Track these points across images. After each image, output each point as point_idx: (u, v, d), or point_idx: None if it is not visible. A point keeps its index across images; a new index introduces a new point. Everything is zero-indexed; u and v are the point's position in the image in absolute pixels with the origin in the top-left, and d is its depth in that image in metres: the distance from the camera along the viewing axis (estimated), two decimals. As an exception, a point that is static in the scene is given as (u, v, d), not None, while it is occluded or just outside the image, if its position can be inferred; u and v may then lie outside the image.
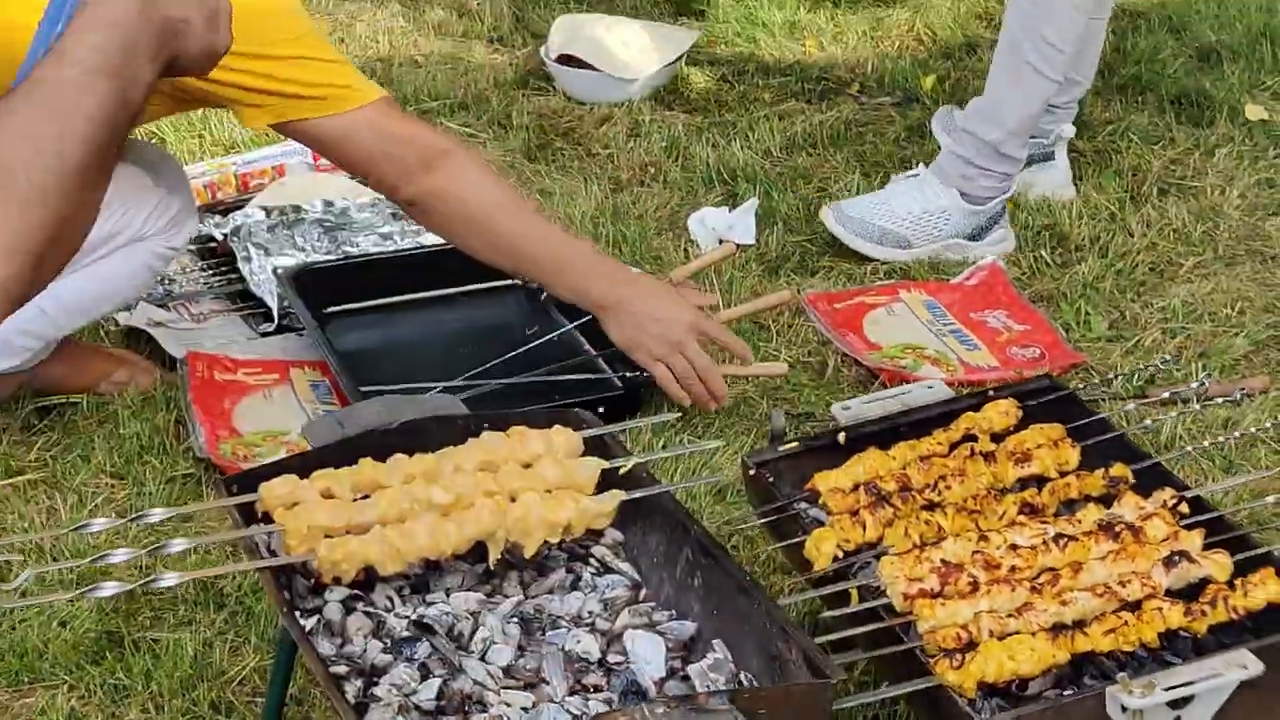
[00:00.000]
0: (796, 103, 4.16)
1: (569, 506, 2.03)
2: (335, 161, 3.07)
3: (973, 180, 3.53)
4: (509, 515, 2.00)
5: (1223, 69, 4.24)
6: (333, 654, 1.88)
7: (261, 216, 3.49)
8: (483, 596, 2.01)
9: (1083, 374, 3.00)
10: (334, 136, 2.81)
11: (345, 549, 1.94)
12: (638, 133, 3.99)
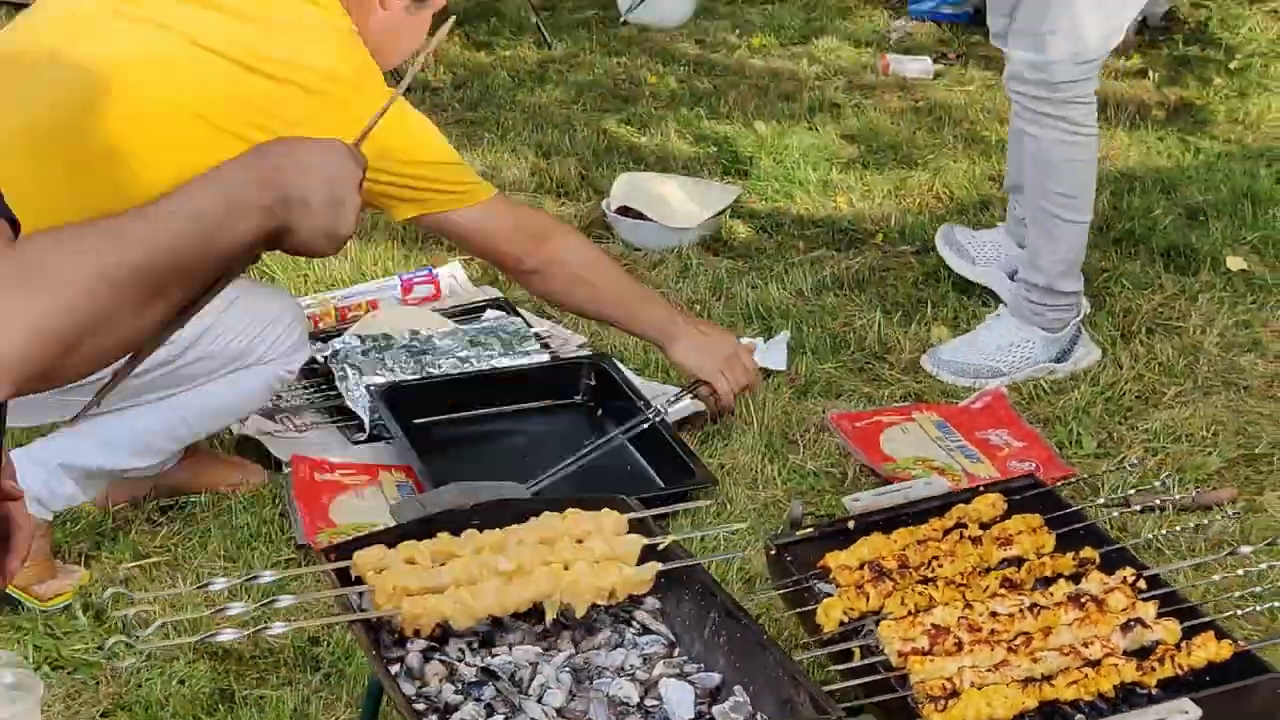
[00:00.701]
0: (827, 250, 4.23)
1: (614, 575, 2.17)
2: (468, 244, 3.30)
3: (1042, 314, 3.64)
4: (563, 581, 2.14)
5: (1208, 225, 4.30)
6: (413, 694, 2.00)
7: (357, 343, 3.57)
8: (540, 650, 2.12)
9: (1073, 485, 3.04)
10: (470, 224, 3.07)
11: (424, 606, 2.08)
12: (687, 274, 4.08)
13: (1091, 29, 3.48)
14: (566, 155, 4.89)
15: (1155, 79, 5.52)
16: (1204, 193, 4.53)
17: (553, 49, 5.91)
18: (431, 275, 4.00)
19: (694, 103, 5.30)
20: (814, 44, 5.97)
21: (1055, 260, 3.64)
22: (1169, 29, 6.02)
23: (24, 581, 2.78)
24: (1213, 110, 5.23)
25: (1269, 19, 6.09)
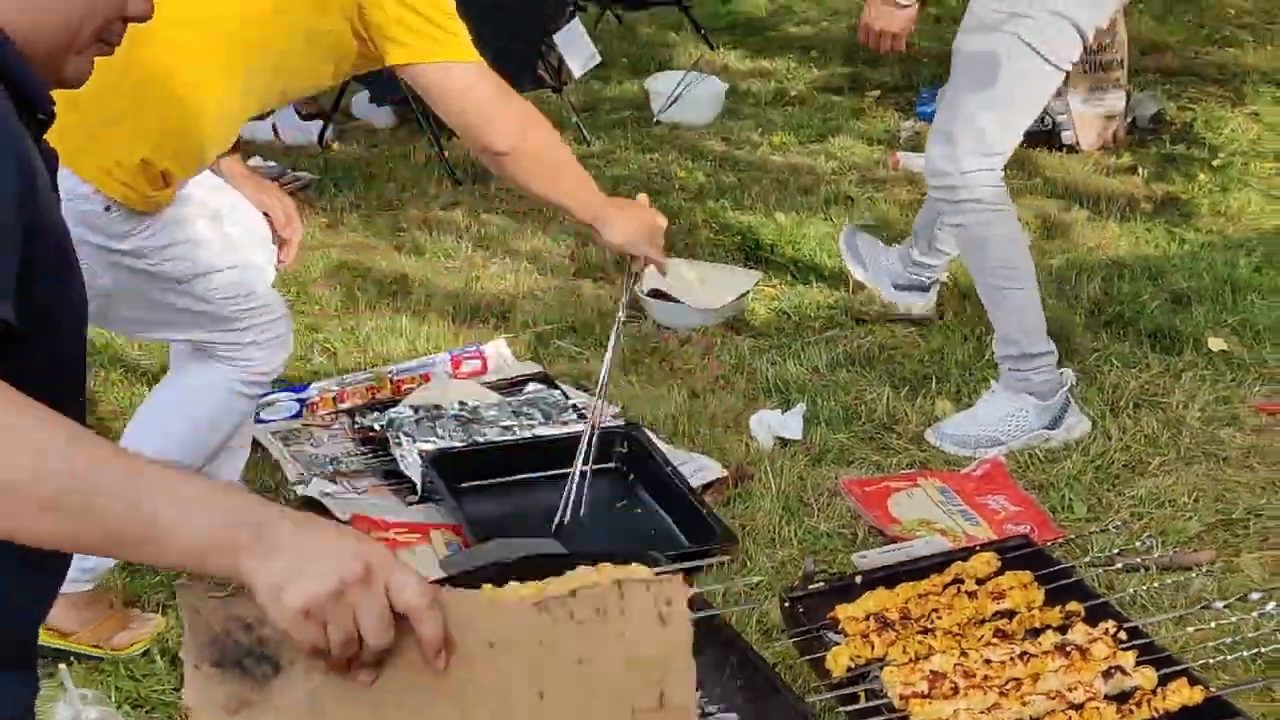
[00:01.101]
0: (840, 330, 4.27)
1: (642, 623, 2.24)
2: (453, 104, 2.88)
3: (1028, 380, 3.69)
4: (595, 627, 2.21)
5: (1191, 309, 4.33)
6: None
7: (410, 412, 3.63)
8: (574, 689, 2.20)
9: (1064, 545, 3.09)
10: (459, 83, 2.82)
11: (470, 650, 2.15)
12: (712, 352, 4.11)
13: (992, 129, 3.67)
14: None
15: (1144, 175, 5.56)
16: (1188, 280, 4.55)
17: (592, 146, 5.99)
18: (479, 352, 4.06)
19: (720, 195, 5.36)
20: (830, 142, 6.02)
21: (1018, 327, 3.73)
22: (1157, 129, 6.06)
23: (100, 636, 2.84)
24: (1197, 204, 5.26)
25: (1249, 121, 6.15)
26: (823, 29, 7.93)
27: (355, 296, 4.48)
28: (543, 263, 4.79)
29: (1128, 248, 4.90)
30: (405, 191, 5.45)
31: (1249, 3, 8.19)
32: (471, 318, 4.37)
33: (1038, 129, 5.78)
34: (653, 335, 4.25)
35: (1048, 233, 5.01)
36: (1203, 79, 6.78)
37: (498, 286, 4.62)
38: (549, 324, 4.32)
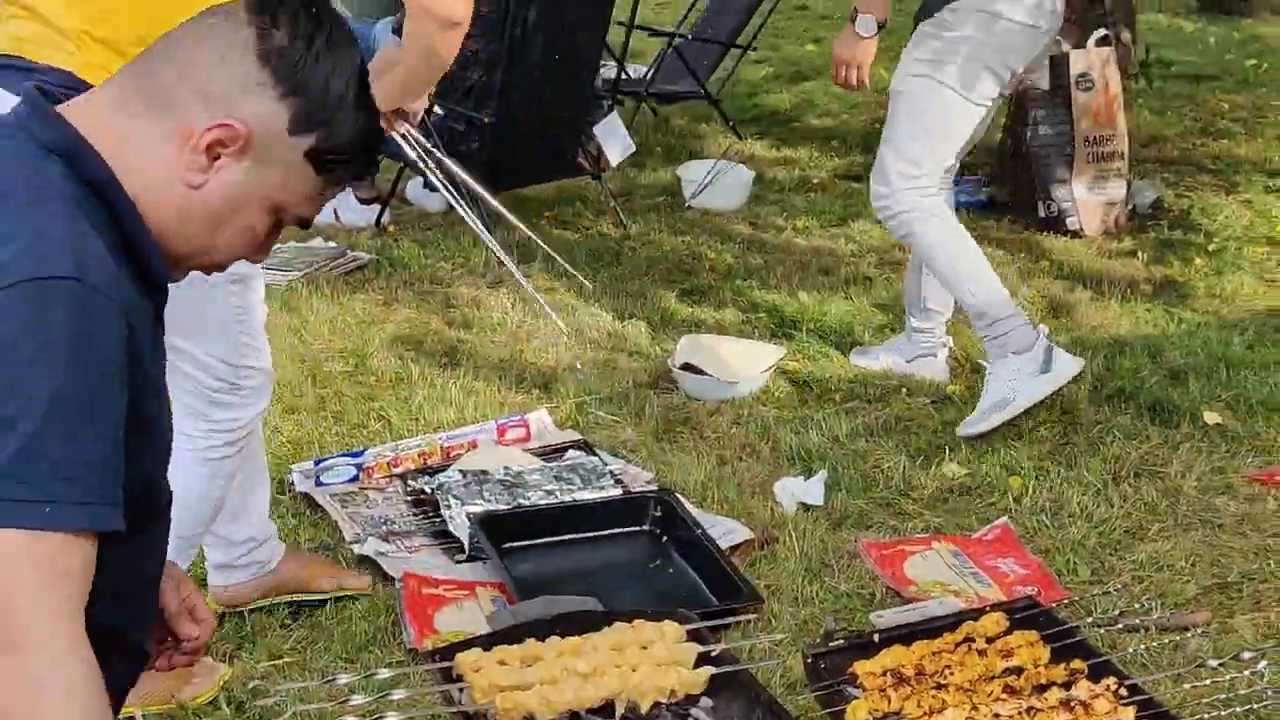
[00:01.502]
0: (859, 402, 4.27)
1: (674, 677, 2.25)
2: None
3: (1006, 341, 4.03)
4: (630, 681, 2.22)
5: (1188, 385, 4.32)
6: (504, 774, 2.09)
7: (459, 477, 3.66)
8: (611, 739, 2.20)
9: (1069, 606, 3.08)
10: None
11: (514, 701, 2.17)
12: (739, 422, 4.12)
13: (919, 155, 4.06)
14: (639, 319, 4.97)
15: (1144, 258, 5.57)
16: (1185, 357, 4.55)
17: (629, 228, 6.03)
18: (523, 420, 4.08)
19: (747, 275, 5.39)
20: (850, 226, 6.05)
21: (985, 302, 4.07)
22: (1156, 216, 6.08)
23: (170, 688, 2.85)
24: (1193, 286, 5.27)
25: (1242, 208, 6.17)
26: (842, 121, 7.99)
27: (409, 368, 4.51)
28: (582, 338, 4.80)
29: (1129, 326, 4.90)
30: (455, 270, 5.49)
31: (1240, 98, 8.24)
32: (516, 388, 4.40)
33: (1045, 216, 5.85)
34: (684, 406, 4.26)
35: (1054, 312, 5.01)
36: (1198, 169, 6.80)
37: (540, 359, 4.64)
38: (587, 394, 4.32)
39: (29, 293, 1.47)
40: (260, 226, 1.71)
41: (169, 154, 1.64)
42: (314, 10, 1.67)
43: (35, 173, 1.59)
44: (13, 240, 1.51)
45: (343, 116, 1.67)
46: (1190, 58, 9.41)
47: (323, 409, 4.22)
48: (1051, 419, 4.12)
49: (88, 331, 1.50)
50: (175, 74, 1.64)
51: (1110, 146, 5.88)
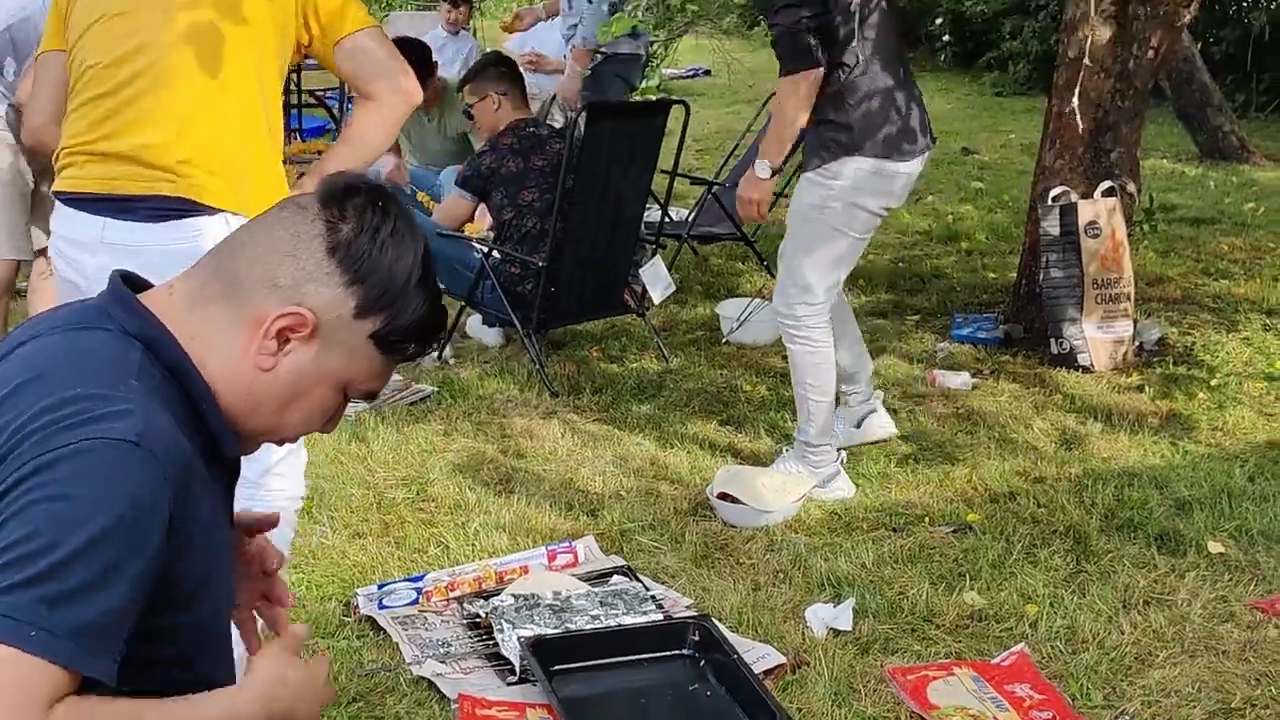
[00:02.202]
0: (885, 530, 4.26)
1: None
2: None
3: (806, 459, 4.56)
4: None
5: (1193, 515, 4.29)
6: None
7: (511, 601, 3.65)
8: None
9: None
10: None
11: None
12: (773, 548, 4.11)
13: (815, 283, 4.44)
14: (679, 448, 4.98)
15: (1150, 393, 5.55)
16: (1189, 488, 4.52)
17: (670, 363, 6.05)
18: (571, 547, 4.07)
19: (780, 407, 5.38)
20: (876, 361, 6.02)
21: (810, 423, 4.55)
22: (1161, 352, 6.07)
23: None
24: (1197, 419, 5.24)
25: (1242, 345, 6.15)
26: (869, 261, 8.01)
27: (467, 495, 4.53)
28: (627, 467, 4.81)
29: (1137, 458, 4.87)
30: (510, 403, 5.52)
31: (1239, 240, 8.24)
32: (565, 514, 4.41)
33: (1057, 352, 5.85)
34: (721, 532, 4.26)
35: (1066, 445, 4.99)
36: (1200, 308, 6.80)
37: (588, 487, 4.64)
38: (631, 522, 4.32)
39: (93, 448, 1.51)
40: (329, 403, 1.76)
41: (242, 340, 1.68)
42: (380, 203, 1.72)
43: (117, 354, 1.64)
44: (86, 404, 1.55)
45: (405, 301, 1.72)
46: (1192, 201, 9.45)
47: (386, 534, 4.24)
48: (1065, 548, 4.11)
49: (136, 495, 1.53)
50: (249, 265, 1.69)
51: (1117, 289, 5.89)
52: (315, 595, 3.83)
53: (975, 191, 10.04)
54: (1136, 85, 6.10)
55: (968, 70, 17.34)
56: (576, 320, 6.37)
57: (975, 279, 7.47)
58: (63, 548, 1.46)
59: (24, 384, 1.58)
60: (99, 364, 1.61)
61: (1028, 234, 6.46)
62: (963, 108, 15.09)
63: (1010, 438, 5.06)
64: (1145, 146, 7.40)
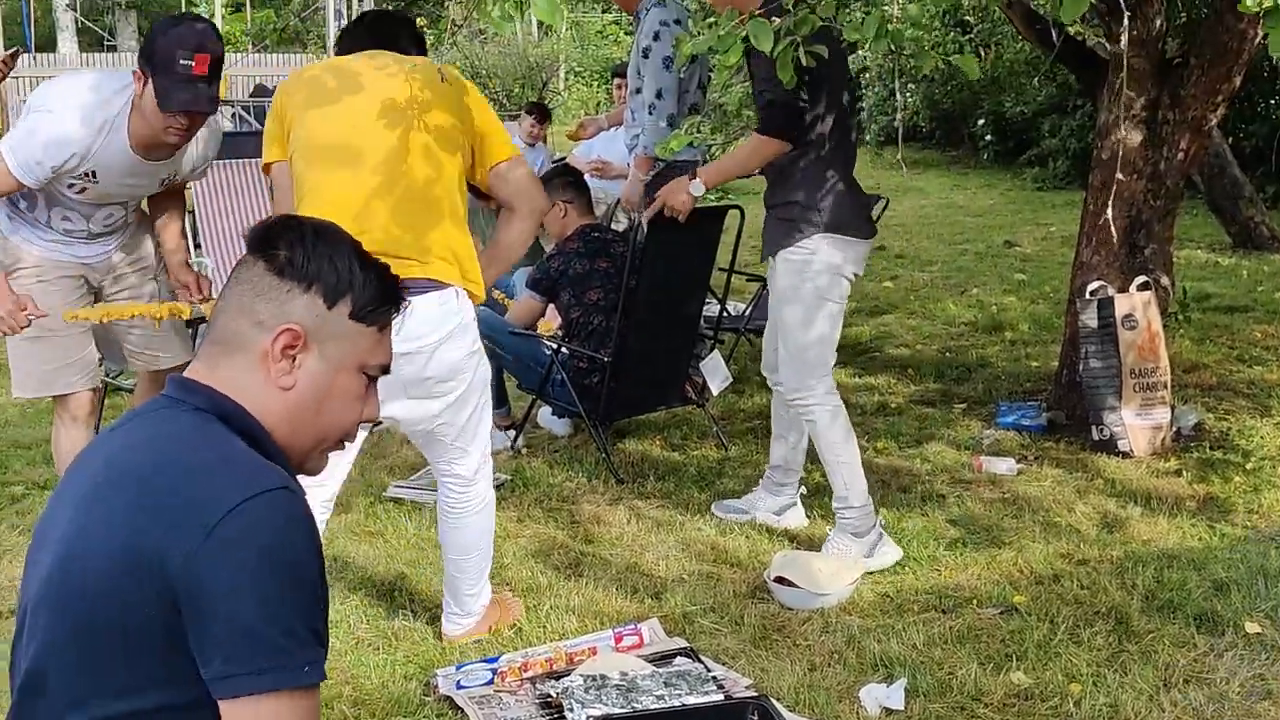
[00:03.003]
0: (934, 613, 4.24)
1: None
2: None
3: (851, 522, 4.66)
4: None
5: (1230, 596, 4.24)
6: None
7: (580, 681, 3.66)
8: None
9: None
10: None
11: None
12: (827, 630, 4.10)
13: (817, 357, 4.64)
14: (737, 534, 5.00)
15: (1188, 477, 5.52)
16: (1227, 570, 4.47)
17: (728, 450, 6.08)
18: (636, 629, 4.08)
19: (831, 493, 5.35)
20: (924, 447, 6.06)
21: (845, 487, 4.64)
22: (1198, 437, 6.02)
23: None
24: (1233, 503, 5.19)
25: (1276, 430, 6.09)
26: (917, 351, 8.04)
27: (539, 579, 4.57)
28: (689, 551, 4.82)
29: (1175, 541, 4.83)
30: (579, 490, 5.56)
31: (1272, 328, 8.18)
32: (630, 597, 4.43)
33: (1098, 439, 5.82)
34: (779, 614, 4.26)
35: (1108, 528, 4.96)
36: (1235, 394, 6.75)
37: (652, 571, 4.66)
38: (693, 605, 4.33)
39: (262, 505, 1.66)
40: (355, 388, 1.91)
41: (261, 376, 1.85)
42: (293, 223, 1.92)
43: (205, 425, 1.80)
44: (224, 473, 1.70)
45: (357, 278, 1.89)
46: (1226, 290, 9.39)
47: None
48: (1107, 628, 4.08)
49: (311, 531, 1.71)
50: (234, 320, 1.87)
51: (1154, 377, 5.88)
52: (397, 675, 3.87)
53: (1018, 283, 10.03)
54: (1168, 185, 6.11)
55: (1009, 167, 17.35)
56: (640, 411, 6.42)
57: (1019, 368, 7.46)
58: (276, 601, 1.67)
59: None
60: (196, 434, 1.84)
61: (1067, 326, 6.46)
62: (1005, 202, 15.10)
63: (1054, 521, 5.04)
64: (1180, 237, 7.41)
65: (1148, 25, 5.91)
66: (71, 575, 1.70)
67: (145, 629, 1.63)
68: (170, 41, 3.89)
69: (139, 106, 4.03)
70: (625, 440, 6.29)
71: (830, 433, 4.63)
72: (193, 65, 3.88)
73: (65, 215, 4.35)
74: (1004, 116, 17.36)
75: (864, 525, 4.62)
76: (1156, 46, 6.00)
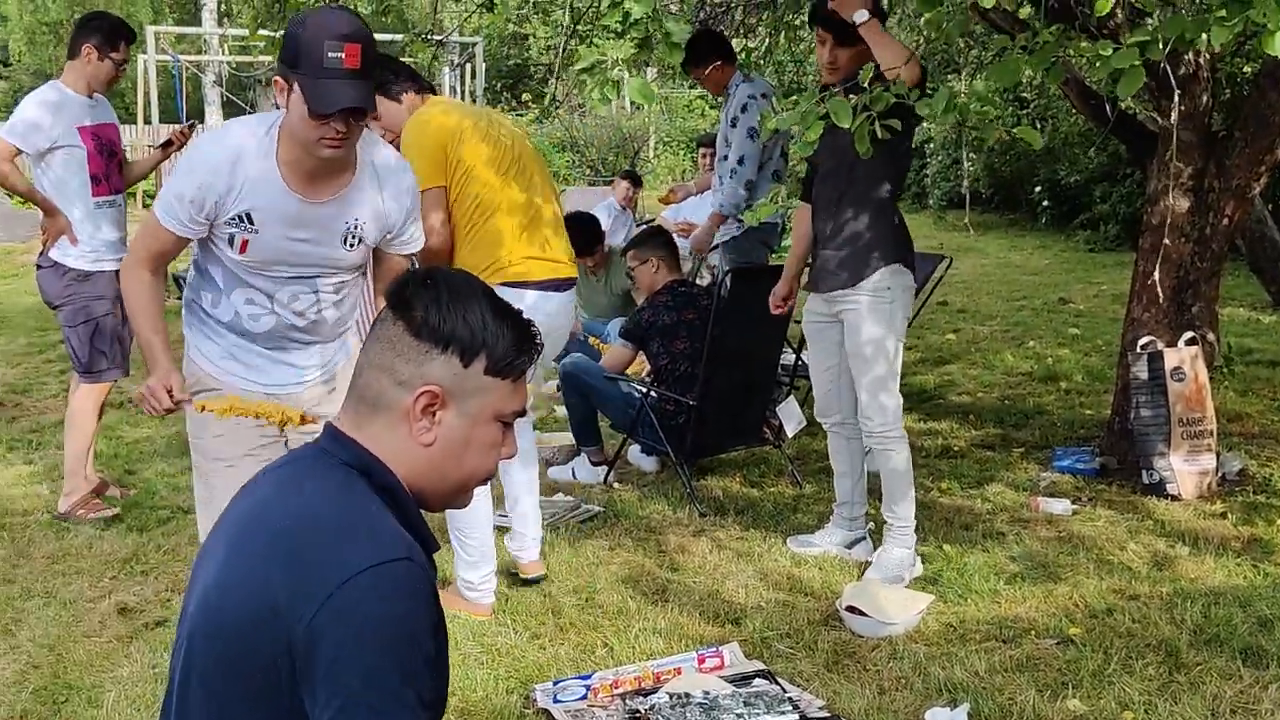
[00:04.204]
0: (995, 642, 4.16)
1: None
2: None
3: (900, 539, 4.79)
4: None
5: (1274, 631, 4.12)
6: None
7: (666, 699, 3.65)
8: None
9: None
10: None
11: None
12: (895, 657, 4.05)
13: (893, 395, 4.72)
14: (811, 565, 4.94)
15: (1233, 519, 5.38)
16: (1271, 607, 4.35)
17: (803, 488, 6.04)
18: (718, 651, 4.05)
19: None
20: (985, 488, 5.97)
21: (906, 508, 4.77)
22: (1242, 482, 5.89)
23: None
24: (1276, 544, 5.06)
25: (1317, 476, 5.95)
26: (978, 399, 7.94)
27: (628, 603, 4.55)
28: (766, 580, 4.78)
29: (1221, 579, 4.71)
30: (665, 521, 5.54)
31: (1313, 381, 8.00)
32: (712, 621, 4.40)
33: (1148, 482, 5.71)
34: (850, 641, 4.20)
35: (1158, 566, 4.85)
36: (1277, 442, 6.58)
37: (732, 598, 4.62)
38: (770, 630, 4.29)
39: (379, 576, 1.62)
40: (493, 437, 1.85)
41: (404, 432, 1.80)
42: (428, 280, 1.82)
43: (349, 482, 1.76)
44: (351, 540, 1.66)
45: (492, 335, 1.80)
46: (1268, 346, 9.17)
47: (561, 636, 4.28)
48: (1158, 660, 3.98)
49: (429, 599, 1.66)
50: (375, 379, 1.82)
51: (1201, 426, 5.75)
52: (500, 690, 3.87)
53: (1072, 337, 9.88)
54: (1213, 248, 6.01)
55: (1063, 230, 17.14)
56: (721, 451, 6.40)
57: (1073, 415, 7.34)
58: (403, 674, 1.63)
59: None
60: (339, 488, 1.80)
61: (1119, 377, 6.35)
62: (1059, 263, 14.90)
63: (1107, 559, 4.93)
64: (1224, 296, 7.26)
65: (1195, 101, 5.84)
66: (214, 611, 1.71)
67: (270, 674, 1.63)
68: (313, 33, 2.97)
69: (286, 124, 3.14)
70: (707, 477, 6.26)
71: (906, 459, 4.76)
72: (343, 57, 2.95)
73: (249, 298, 3.40)
74: (1059, 183, 17.15)
75: (911, 541, 4.78)
76: (1203, 120, 5.91)
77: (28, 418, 7.55)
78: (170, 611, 4.49)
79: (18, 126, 5.39)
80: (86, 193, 5.51)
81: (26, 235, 16.26)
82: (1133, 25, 4.43)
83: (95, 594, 4.72)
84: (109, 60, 5.50)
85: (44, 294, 5.63)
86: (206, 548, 1.85)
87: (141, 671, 4.02)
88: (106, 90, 5.62)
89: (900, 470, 4.73)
